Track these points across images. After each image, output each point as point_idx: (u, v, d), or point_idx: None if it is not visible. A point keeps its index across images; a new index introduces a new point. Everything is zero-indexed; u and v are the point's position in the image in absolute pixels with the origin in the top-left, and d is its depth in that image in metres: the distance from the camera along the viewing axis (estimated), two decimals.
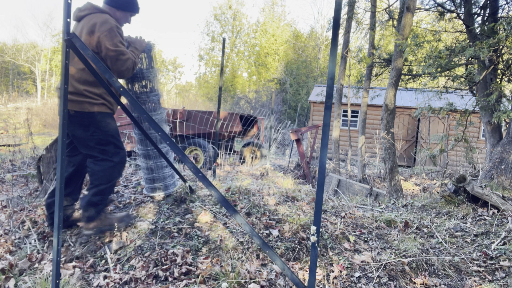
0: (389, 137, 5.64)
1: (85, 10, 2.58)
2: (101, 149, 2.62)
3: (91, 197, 2.62)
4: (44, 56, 35.85)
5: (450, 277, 2.54)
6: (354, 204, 4.05)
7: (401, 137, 15.48)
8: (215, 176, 4.96)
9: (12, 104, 23.04)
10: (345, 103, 13.82)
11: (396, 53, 5.62)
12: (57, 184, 1.97)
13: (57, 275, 1.97)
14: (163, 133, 2.05)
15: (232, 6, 32.32)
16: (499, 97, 6.11)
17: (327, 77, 1.70)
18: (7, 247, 2.73)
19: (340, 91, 9.55)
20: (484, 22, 6.84)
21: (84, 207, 2.63)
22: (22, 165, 6.43)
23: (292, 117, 26.52)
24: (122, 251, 2.67)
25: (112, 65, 2.46)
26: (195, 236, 2.80)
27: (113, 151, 2.66)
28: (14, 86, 36.66)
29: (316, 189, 1.76)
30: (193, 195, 3.43)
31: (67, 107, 1.99)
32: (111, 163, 2.63)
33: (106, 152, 2.63)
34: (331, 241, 2.84)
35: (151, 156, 3.17)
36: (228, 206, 1.99)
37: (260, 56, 32.09)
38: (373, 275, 2.45)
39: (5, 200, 3.79)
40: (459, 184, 3.90)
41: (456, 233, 3.24)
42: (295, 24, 45.68)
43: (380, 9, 9.63)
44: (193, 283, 2.30)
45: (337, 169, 9.03)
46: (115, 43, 2.44)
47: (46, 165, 3.95)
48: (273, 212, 3.23)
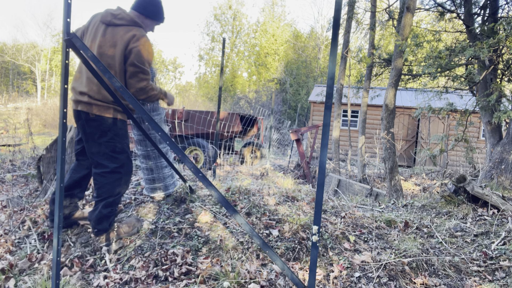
0: (389, 137, 5.64)
1: (121, 20, 2.57)
2: (114, 157, 2.59)
3: (102, 210, 2.56)
4: (44, 56, 35.86)
5: (450, 277, 2.54)
6: (354, 204, 4.05)
7: (401, 137, 15.48)
8: (215, 176, 4.96)
9: (12, 104, 23.05)
10: (345, 103, 13.83)
11: (396, 53, 5.62)
12: (57, 184, 1.97)
13: (57, 275, 1.97)
14: (163, 133, 2.05)
15: (232, 6, 32.33)
16: (499, 97, 6.11)
17: (327, 77, 1.70)
18: (7, 247, 2.73)
19: (340, 91, 9.55)
20: (484, 22, 6.84)
21: (96, 220, 2.57)
22: (22, 165, 6.43)
23: (292, 117, 26.52)
24: (122, 251, 2.67)
25: (128, 78, 2.53)
26: (195, 236, 2.80)
27: (124, 161, 2.64)
28: (14, 86, 36.67)
29: (316, 189, 1.76)
30: (193, 195, 3.44)
31: (67, 106, 1.99)
32: (119, 175, 2.60)
33: (116, 161, 2.60)
34: (331, 241, 2.84)
35: (150, 156, 3.17)
36: (228, 206, 1.99)
37: (260, 56, 32.10)
38: (373, 275, 2.45)
39: (5, 200, 3.79)
40: (459, 184, 3.90)
41: (456, 233, 3.24)
42: (295, 24, 45.72)
43: (380, 9, 9.63)
44: (193, 283, 2.30)
45: (337, 169, 9.03)
46: (143, 61, 2.52)
47: (46, 165, 3.95)
48: (273, 212, 3.23)
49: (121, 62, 2.51)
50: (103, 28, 2.56)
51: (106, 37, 2.52)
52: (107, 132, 2.56)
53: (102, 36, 2.53)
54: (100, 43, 2.51)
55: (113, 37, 2.52)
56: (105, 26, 2.56)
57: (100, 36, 2.53)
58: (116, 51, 2.50)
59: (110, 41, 2.51)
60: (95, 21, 2.62)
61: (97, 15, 2.65)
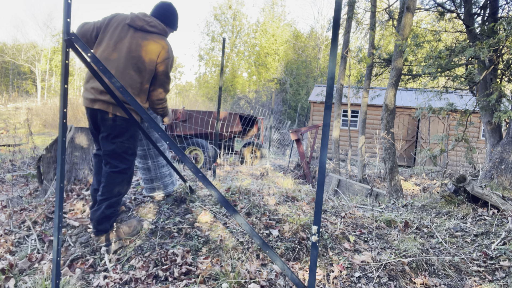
0: (389, 137, 5.64)
1: (154, 28, 2.64)
2: (125, 158, 2.61)
3: (105, 210, 2.57)
4: (44, 56, 35.86)
5: (450, 277, 2.54)
6: (354, 204, 4.05)
7: (401, 137, 15.48)
8: (215, 176, 4.96)
9: (12, 104, 23.05)
10: (345, 103, 13.82)
11: (396, 53, 5.62)
12: (57, 184, 1.97)
13: (57, 275, 1.97)
14: (163, 133, 2.05)
15: (232, 6, 32.32)
16: (499, 97, 6.11)
17: (327, 77, 1.70)
18: (7, 247, 2.73)
19: (340, 91, 9.54)
20: (484, 22, 6.84)
21: (98, 220, 2.57)
22: (22, 165, 6.43)
23: (292, 117, 26.52)
24: (122, 251, 2.67)
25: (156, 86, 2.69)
26: (195, 236, 2.80)
27: (132, 162, 2.69)
28: (14, 86, 36.67)
29: (316, 189, 1.76)
30: (193, 195, 3.43)
31: (67, 106, 1.99)
32: (125, 175, 2.64)
33: (126, 162, 2.62)
34: (331, 241, 2.84)
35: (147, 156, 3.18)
36: (228, 206, 1.99)
37: (260, 56, 32.09)
38: (373, 275, 2.45)
39: (5, 200, 3.79)
40: (459, 184, 3.90)
41: (456, 233, 3.24)
42: (295, 24, 45.73)
43: (380, 9, 9.63)
44: (193, 283, 2.30)
45: (337, 169, 9.03)
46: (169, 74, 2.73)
47: (46, 165, 3.95)
48: (273, 212, 3.23)
49: (151, 69, 2.59)
50: (131, 31, 2.59)
51: (138, 41, 2.56)
52: (124, 134, 2.58)
53: (132, 39, 2.56)
54: (131, 46, 2.54)
55: (145, 43, 2.58)
56: (134, 30, 2.60)
57: (129, 39, 2.56)
58: (147, 57, 2.56)
59: (141, 46, 2.56)
60: (117, 21, 2.63)
61: (118, 16, 2.66)
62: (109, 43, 2.56)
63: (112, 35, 2.58)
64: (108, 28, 2.62)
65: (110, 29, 2.61)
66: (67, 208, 3.28)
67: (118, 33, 2.58)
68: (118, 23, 2.61)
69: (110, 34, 2.59)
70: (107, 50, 2.54)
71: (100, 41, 2.60)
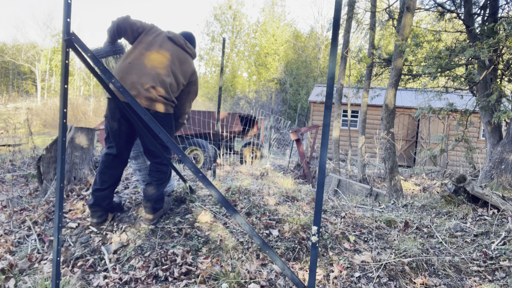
0: (389, 137, 5.64)
1: (190, 50, 2.99)
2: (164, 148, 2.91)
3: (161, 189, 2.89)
4: (44, 56, 35.85)
5: (450, 277, 2.54)
6: (354, 204, 4.05)
7: (401, 137, 15.48)
8: (215, 176, 4.95)
9: (12, 104, 23.06)
10: (345, 103, 13.83)
11: (396, 53, 5.62)
12: (57, 184, 1.97)
13: (57, 275, 1.97)
14: (163, 132, 2.05)
15: (232, 6, 32.33)
16: (499, 97, 6.11)
17: (327, 77, 1.70)
18: (7, 247, 2.73)
19: (340, 91, 9.54)
20: (484, 22, 6.84)
21: (156, 201, 2.86)
22: (22, 165, 6.43)
23: (292, 117, 26.52)
24: (122, 251, 2.67)
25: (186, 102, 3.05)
26: (195, 236, 2.80)
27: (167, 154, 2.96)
28: (14, 86, 36.66)
29: (316, 189, 1.76)
30: (193, 195, 3.43)
31: (67, 106, 1.99)
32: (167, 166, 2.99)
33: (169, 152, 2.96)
34: (331, 241, 2.84)
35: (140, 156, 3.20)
36: (228, 206, 1.99)
37: (260, 56, 32.09)
38: (373, 275, 2.45)
39: (5, 200, 3.79)
40: (459, 184, 3.90)
41: (456, 233, 3.24)
42: (295, 24, 45.70)
43: (380, 9, 9.63)
44: (193, 283, 2.30)
45: (337, 169, 9.03)
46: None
47: (46, 165, 3.94)
48: (273, 212, 3.23)
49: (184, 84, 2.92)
50: (171, 44, 2.85)
51: (179, 56, 2.86)
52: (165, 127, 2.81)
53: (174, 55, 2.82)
54: (173, 59, 2.81)
55: (183, 61, 2.89)
56: (173, 44, 2.86)
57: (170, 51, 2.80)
58: (183, 73, 2.88)
59: (181, 63, 2.87)
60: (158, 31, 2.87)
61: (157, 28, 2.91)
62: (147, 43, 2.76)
63: (153, 41, 2.79)
64: (151, 32, 2.85)
65: (153, 33, 2.84)
66: (67, 208, 3.28)
67: (159, 43, 2.80)
68: (160, 33, 2.87)
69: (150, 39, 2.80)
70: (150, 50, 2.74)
71: (141, 41, 2.79)
